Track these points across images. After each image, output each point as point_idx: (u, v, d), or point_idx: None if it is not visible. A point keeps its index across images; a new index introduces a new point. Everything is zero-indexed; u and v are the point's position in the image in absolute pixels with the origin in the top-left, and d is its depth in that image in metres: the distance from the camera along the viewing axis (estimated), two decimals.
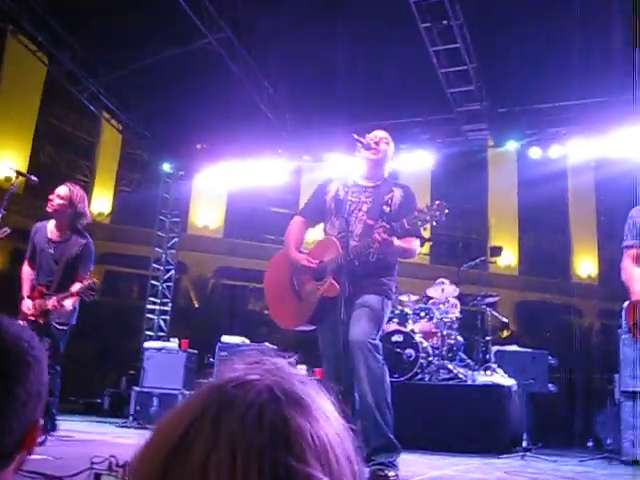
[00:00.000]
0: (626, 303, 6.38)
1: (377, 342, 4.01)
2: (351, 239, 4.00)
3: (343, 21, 8.59)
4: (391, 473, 3.88)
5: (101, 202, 19.24)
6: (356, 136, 4.05)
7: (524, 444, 6.99)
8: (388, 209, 4.16)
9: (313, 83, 9.66)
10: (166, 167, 12.35)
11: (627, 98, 9.19)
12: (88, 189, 19.72)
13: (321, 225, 4.52)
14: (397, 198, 4.23)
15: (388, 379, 4.05)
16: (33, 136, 17.53)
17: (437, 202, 3.79)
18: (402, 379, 7.57)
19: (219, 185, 13.24)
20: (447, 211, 3.76)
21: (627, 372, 7.21)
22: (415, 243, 4.14)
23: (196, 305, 19.15)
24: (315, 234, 4.86)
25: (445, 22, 8.50)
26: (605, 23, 8.12)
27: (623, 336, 7.28)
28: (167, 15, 8.71)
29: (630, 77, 8.44)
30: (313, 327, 4.28)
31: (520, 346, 9.70)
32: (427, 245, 12.53)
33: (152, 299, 12.42)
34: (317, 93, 9.69)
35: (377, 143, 4.38)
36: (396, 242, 3.92)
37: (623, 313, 7.25)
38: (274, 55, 9.27)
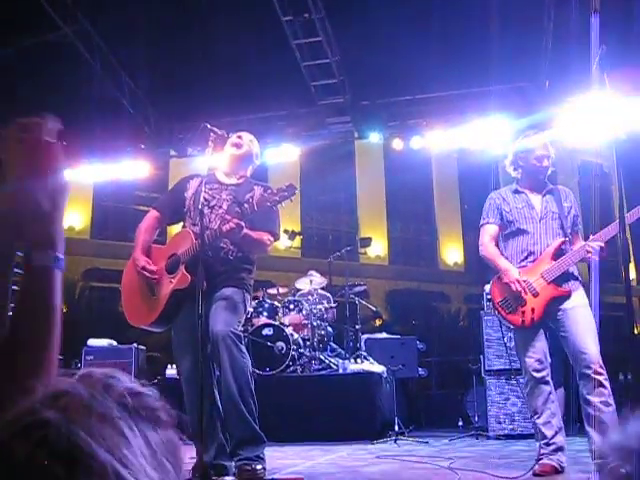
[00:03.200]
0: (488, 285, 6.66)
1: (239, 332, 3.97)
2: (207, 232, 3.92)
3: (203, 12, 8.46)
4: (258, 467, 3.85)
5: None
6: (209, 125, 3.95)
7: (396, 428, 7.15)
8: (248, 207, 4.09)
9: (174, 76, 9.47)
10: None
11: (484, 90, 9.57)
12: None
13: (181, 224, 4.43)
14: (257, 196, 4.09)
15: (251, 369, 4.01)
16: None
17: (287, 184, 3.79)
18: (274, 372, 7.55)
19: (83, 184, 12.78)
20: (297, 191, 3.76)
21: (491, 352, 7.55)
22: (267, 237, 4.12)
23: (64, 310, 18.45)
24: None
25: (307, 15, 8.54)
26: (463, 14, 8.38)
27: (485, 317, 7.61)
28: (18, 4, 8.27)
29: (487, 69, 8.78)
30: (164, 328, 4.19)
31: (390, 333, 9.93)
32: (298, 239, 12.62)
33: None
34: (179, 87, 9.51)
35: (240, 137, 4.34)
36: (247, 230, 3.90)
37: (486, 294, 7.59)
38: (133, 47, 8.99)
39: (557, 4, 8.02)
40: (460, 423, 9.02)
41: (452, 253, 20.99)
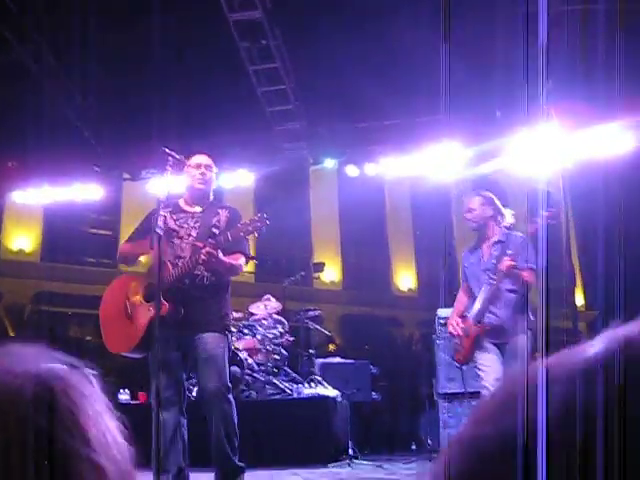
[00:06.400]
0: (441, 310, 6.90)
1: (229, 384, 4.15)
2: (181, 261, 4.08)
3: (158, 35, 8.47)
4: None
5: None
6: (167, 150, 4.00)
7: (350, 452, 7.16)
8: (217, 231, 4.21)
9: (128, 99, 9.43)
10: None
11: (437, 118, 9.73)
12: None
13: None
14: (224, 219, 4.31)
15: (235, 411, 4.16)
16: None
17: (259, 214, 3.94)
18: None
19: (33, 206, 12.60)
20: (268, 222, 3.90)
21: (442, 375, 7.63)
22: (241, 260, 4.26)
23: (11, 334, 18.07)
24: None
25: (264, 42, 8.63)
26: (416, 44, 8.55)
27: (437, 342, 7.70)
28: None
29: (440, 99, 8.94)
30: (143, 355, 4.25)
31: (344, 358, 9.96)
32: (252, 263, 12.59)
33: None
34: (133, 109, 9.47)
35: (203, 174, 4.42)
36: (222, 257, 4.00)
37: (438, 318, 7.69)
38: (86, 66, 8.91)
39: (507, 38, 8.23)
40: (413, 447, 9.07)
41: (405, 279, 21.15)
